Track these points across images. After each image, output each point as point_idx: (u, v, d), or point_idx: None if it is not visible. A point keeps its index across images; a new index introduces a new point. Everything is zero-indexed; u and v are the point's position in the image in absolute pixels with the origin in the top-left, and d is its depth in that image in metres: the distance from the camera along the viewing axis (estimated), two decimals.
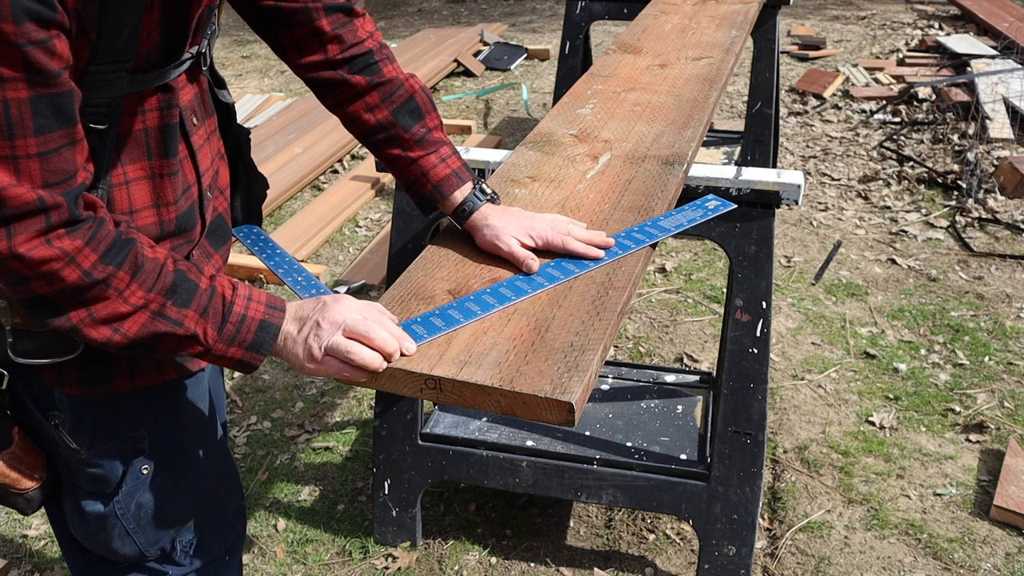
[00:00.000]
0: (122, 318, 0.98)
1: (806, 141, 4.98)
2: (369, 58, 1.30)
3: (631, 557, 2.27)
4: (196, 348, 1.03)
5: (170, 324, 1.00)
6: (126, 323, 0.99)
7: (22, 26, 0.84)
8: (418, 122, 1.32)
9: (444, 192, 1.33)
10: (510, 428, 2.28)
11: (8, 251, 0.90)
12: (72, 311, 0.96)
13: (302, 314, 1.08)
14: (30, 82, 0.87)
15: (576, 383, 1.02)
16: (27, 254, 0.91)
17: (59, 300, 0.95)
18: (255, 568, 2.26)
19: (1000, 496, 2.36)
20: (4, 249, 0.90)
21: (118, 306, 0.98)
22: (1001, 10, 6.71)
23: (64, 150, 0.91)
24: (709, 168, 1.91)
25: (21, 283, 0.93)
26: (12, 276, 0.93)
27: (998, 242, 3.82)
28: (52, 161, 0.91)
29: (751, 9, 2.83)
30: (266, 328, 1.05)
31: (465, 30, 7.11)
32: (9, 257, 0.91)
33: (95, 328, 0.98)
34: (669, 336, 3.21)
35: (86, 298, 0.96)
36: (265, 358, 1.06)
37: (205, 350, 1.04)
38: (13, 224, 0.89)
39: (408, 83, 1.33)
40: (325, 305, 1.08)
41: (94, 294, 0.96)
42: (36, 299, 0.95)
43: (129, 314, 0.98)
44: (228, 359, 1.05)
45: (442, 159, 1.33)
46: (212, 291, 1.03)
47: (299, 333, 1.06)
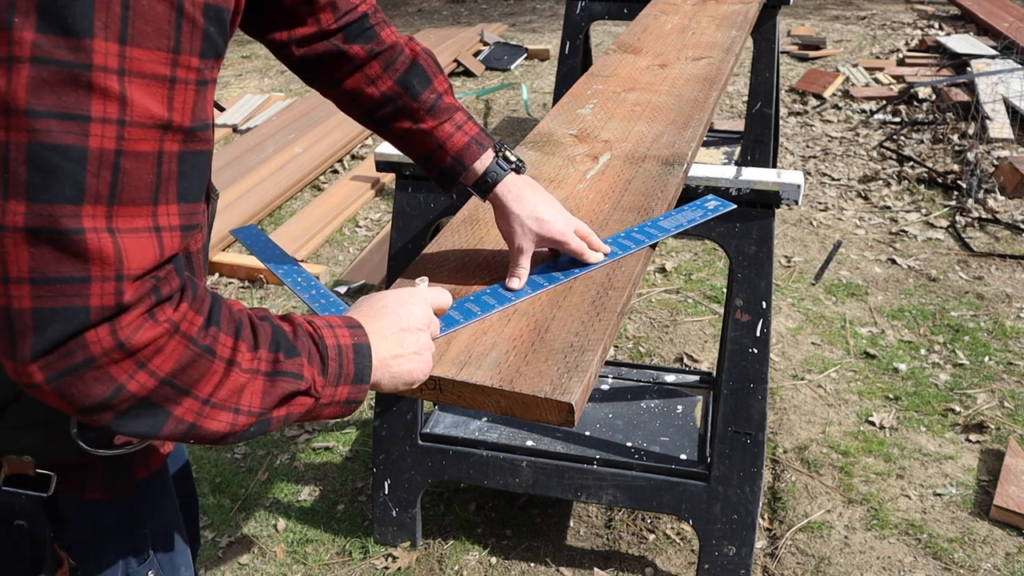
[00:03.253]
0: (240, 391, 0.76)
1: (806, 141, 4.98)
2: (364, 23, 1.16)
3: (631, 557, 2.27)
4: (307, 403, 0.83)
5: (292, 380, 0.80)
6: (245, 396, 0.77)
7: (207, 60, 0.70)
8: (427, 88, 1.18)
9: (466, 163, 1.19)
10: (510, 428, 2.28)
11: (113, 343, 0.67)
12: (178, 407, 0.72)
13: (387, 328, 0.93)
14: (191, 136, 0.70)
15: (576, 383, 1.02)
16: (135, 338, 0.68)
17: (161, 397, 0.71)
18: (255, 568, 2.27)
19: (1000, 496, 2.36)
20: (109, 344, 0.66)
21: (234, 378, 0.75)
22: (1001, 10, 6.71)
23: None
24: (709, 168, 1.91)
25: (113, 394, 0.68)
26: (104, 384, 0.68)
27: (998, 242, 3.82)
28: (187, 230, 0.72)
29: (751, 9, 2.83)
30: (362, 351, 0.87)
31: (465, 30, 7.11)
32: (113, 350, 0.67)
33: (213, 417, 0.75)
34: (669, 336, 3.21)
35: (193, 380, 0.72)
36: (368, 388, 0.88)
37: (315, 402, 0.84)
38: (123, 310, 0.67)
39: (409, 46, 1.20)
40: (398, 307, 0.95)
41: (201, 371, 0.73)
42: (131, 410, 0.70)
43: (245, 384, 0.76)
44: (335, 404, 0.86)
45: (458, 126, 1.20)
46: (298, 329, 0.84)
47: (400, 347, 0.92)
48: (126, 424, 0.71)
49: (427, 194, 2.04)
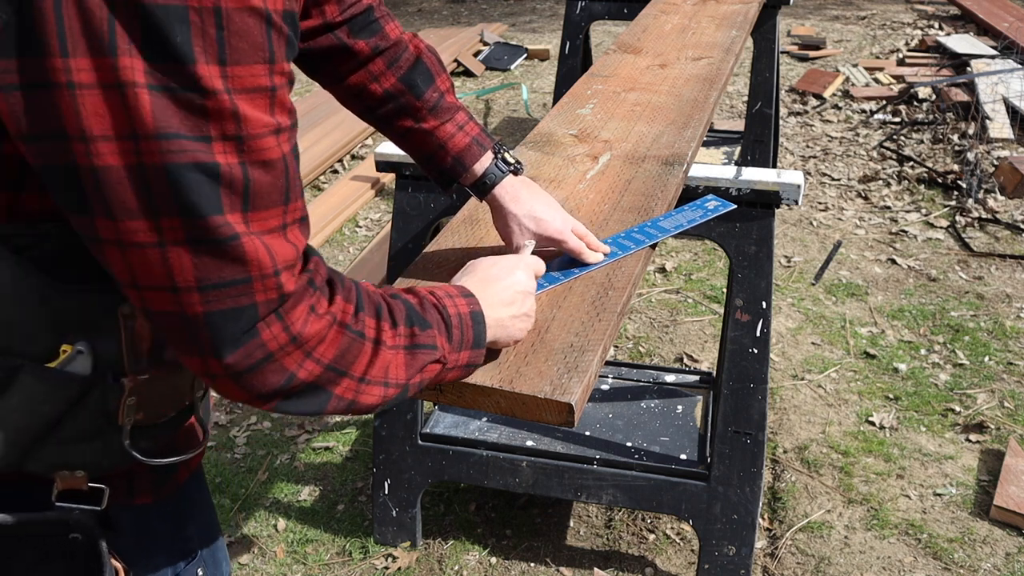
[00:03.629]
0: (387, 367, 0.84)
1: (806, 141, 4.98)
2: (369, 16, 1.15)
3: (631, 557, 2.27)
4: (436, 369, 0.91)
5: (428, 351, 0.89)
6: (392, 370, 0.85)
7: (279, 65, 0.71)
8: (430, 86, 1.18)
9: (466, 164, 1.20)
10: (510, 428, 2.28)
11: (287, 338, 0.74)
12: (338, 387, 0.81)
13: (502, 293, 1.02)
14: (292, 131, 0.74)
15: (576, 384, 1.02)
16: (304, 332, 0.75)
17: (324, 380, 0.79)
18: (255, 568, 2.27)
19: (1000, 496, 2.36)
20: (283, 339, 0.74)
21: (382, 356, 0.83)
22: (1001, 10, 6.71)
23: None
24: (709, 168, 1.91)
25: (286, 382, 0.76)
26: (279, 375, 0.76)
27: (998, 242, 3.82)
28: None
29: (751, 9, 2.83)
30: (477, 319, 0.96)
31: (465, 30, 7.11)
32: (287, 344, 0.75)
33: (368, 393, 0.83)
34: (669, 336, 3.21)
35: (349, 362, 0.81)
36: (483, 352, 0.98)
37: (442, 368, 0.92)
38: (286, 304, 0.74)
39: (413, 44, 1.20)
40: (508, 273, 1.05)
41: (355, 354, 0.81)
42: (299, 394, 0.78)
43: (391, 360, 0.85)
44: (457, 368, 0.95)
45: (459, 126, 1.20)
46: (424, 302, 0.91)
47: (508, 312, 1.02)
48: (295, 406, 0.79)
49: (427, 194, 2.04)
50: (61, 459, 0.84)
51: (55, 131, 0.65)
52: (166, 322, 0.72)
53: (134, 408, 0.85)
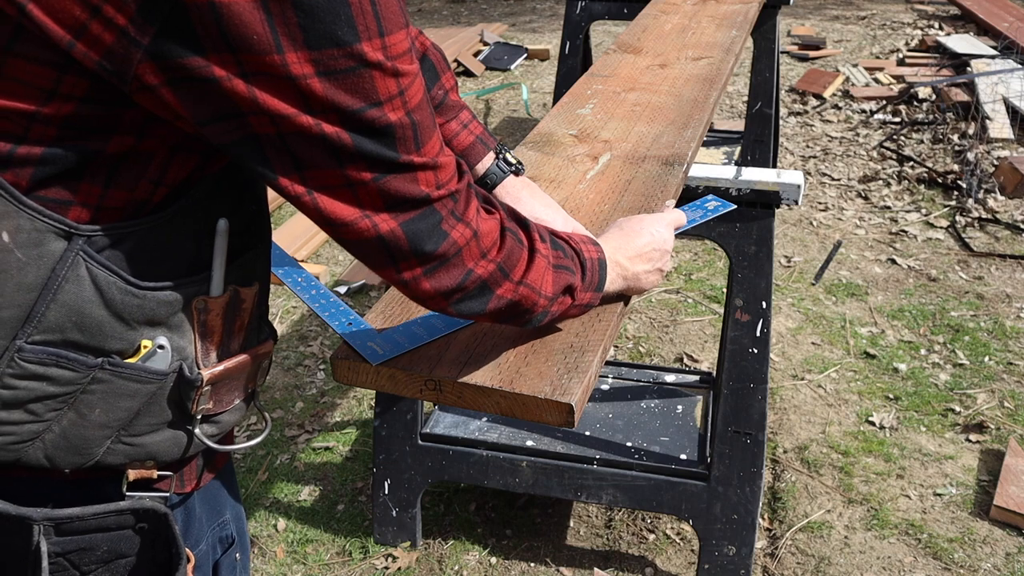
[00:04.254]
0: (541, 275, 0.92)
1: (806, 141, 4.98)
2: None
3: (631, 557, 2.27)
4: (567, 303, 0.99)
5: (569, 274, 0.96)
6: (544, 281, 0.93)
7: (410, 27, 0.79)
8: (435, 84, 1.21)
9: (470, 163, 1.22)
10: (510, 428, 2.28)
11: (471, 233, 0.83)
12: (500, 287, 0.89)
13: (643, 247, 1.12)
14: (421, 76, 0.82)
15: (576, 384, 1.02)
16: (481, 228, 0.85)
17: (493, 280, 0.88)
18: (255, 568, 2.27)
19: (1000, 496, 2.36)
20: (468, 234, 0.83)
21: (537, 263, 0.91)
22: (1001, 10, 6.71)
23: None
24: (709, 168, 1.91)
25: (465, 278, 0.85)
26: (460, 270, 0.84)
27: (998, 242, 3.82)
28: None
29: (751, 9, 2.83)
30: (603, 266, 1.04)
31: (465, 30, 7.11)
32: (471, 239, 0.84)
33: (523, 296, 0.91)
34: (669, 336, 3.21)
35: (512, 264, 0.89)
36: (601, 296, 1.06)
37: (571, 302, 0.99)
38: (460, 203, 0.83)
39: (419, 40, 1.22)
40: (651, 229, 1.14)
41: (516, 257, 0.89)
42: (473, 291, 0.87)
43: (544, 270, 0.92)
44: (579, 307, 1.01)
45: (464, 125, 1.22)
46: (561, 237, 1.00)
47: (643, 267, 1.11)
48: (466, 303, 0.87)
49: None
50: (137, 451, 0.86)
51: (232, 111, 0.70)
52: (365, 247, 0.80)
53: (207, 398, 0.88)
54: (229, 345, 0.89)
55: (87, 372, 0.79)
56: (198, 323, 0.84)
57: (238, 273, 0.88)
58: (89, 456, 0.84)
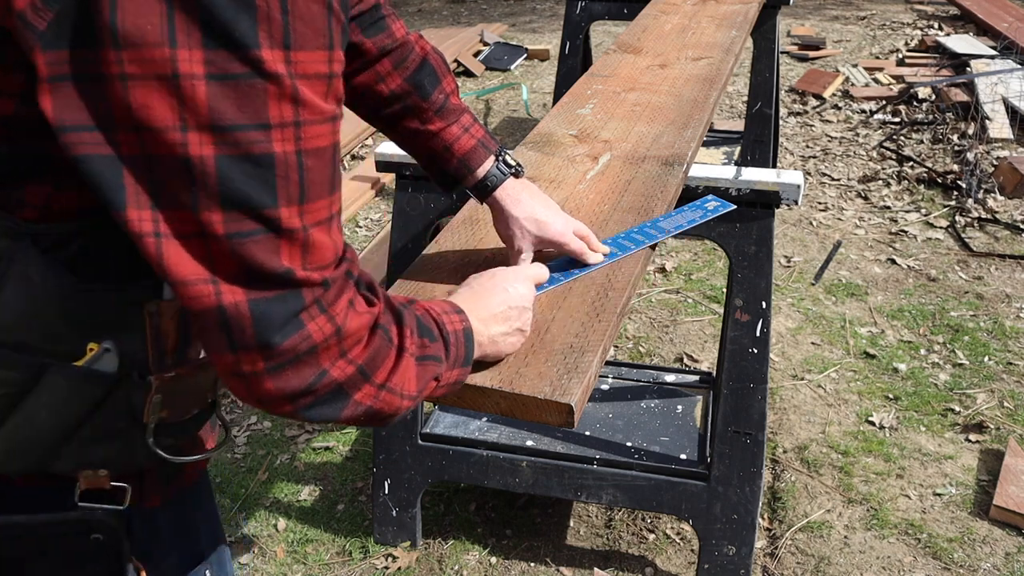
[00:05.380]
0: (405, 376, 0.82)
1: (806, 141, 4.98)
2: (376, 13, 1.15)
3: (631, 557, 2.27)
4: (432, 386, 0.88)
5: (435, 364, 0.86)
6: (408, 381, 0.82)
7: (336, 52, 0.70)
8: (436, 87, 1.18)
9: (471, 166, 1.20)
10: (510, 428, 2.28)
11: (332, 329, 0.73)
12: (359, 391, 0.78)
13: (497, 307, 1.02)
14: (340, 121, 0.73)
15: (576, 385, 1.02)
16: (347, 326, 0.74)
17: (351, 383, 0.77)
18: (255, 568, 2.27)
19: (1000, 496, 2.36)
20: (328, 331, 0.72)
21: (403, 363, 0.81)
22: (1001, 10, 6.71)
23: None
24: (709, 168, 1.91)
25: (317, 379, 0.73)
26: (313, 370, 0.73)
27: (998, 242, 3.82)
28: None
29: (751, 9, 2.83)
30: (468, 336, 0.95)
31: (465, 30, 7.11)
32: (331, 336, 0.73)
33: (385, 402, 0.80)
34: (669, 336, 3.21)
35: (376, 366, 0.78)
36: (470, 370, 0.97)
37: (436, 385, 0.89)
38: (330, 293, 0.72)
39: (419, 44, 1.19)
40: (506, 286, 1.04)
41: (382, 358, 0.79)
42: (326, 396, 0.75)
43: (408, 369, 0.82)
44: (446, 386, 0.92)
45: (465, 129, 1.20)
46: (428, 313, 0.89)
47: (500, 328, 1.01)
48: (316, 410, 0.76)
49: (427, 194, 2.04)
50: (86, 458, 0.84)
51: (102, 121, 0.64)
52: (201, 319, 0.69)
53: (159, 406, 0.84)
54: (185, 351, 0.84)
55: (32, 373, 0.76)
56: (150, 327, 0.80)
57: None
58: (35, 461, 0.81)
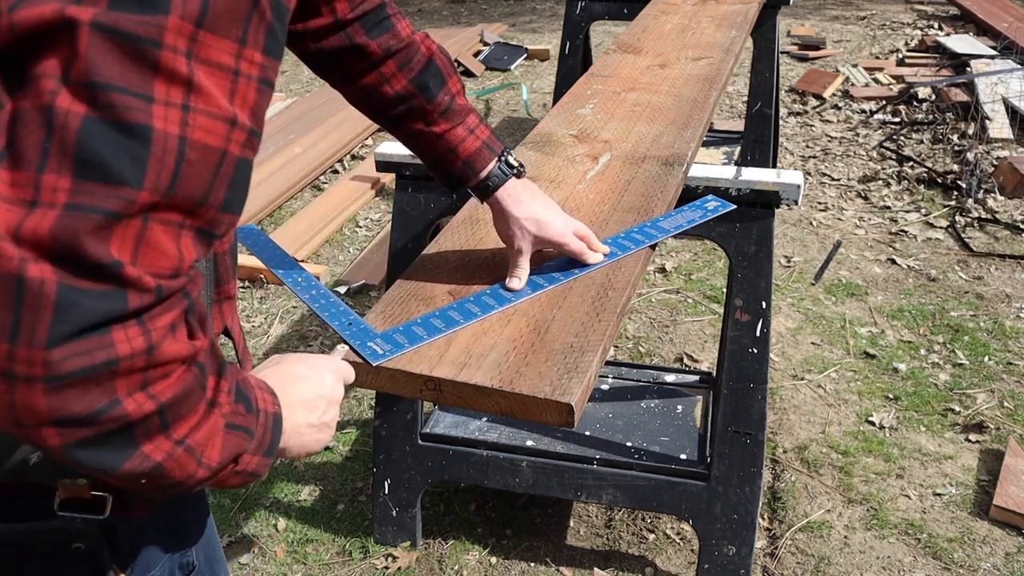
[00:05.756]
0: (209, 438, 0.68)
1: (806, 141, 4.98)
2: (381, 13, 1.13)
3: (631, 557, 2.27)
4: (229, 469, 0.73)
5: (244, 439, 0.72)
6: (209, 446, 0.68)
7: (270, 59, 0.66)
8: (441, 89, 1.17)
9: (476, 168, 1.19)
10: (510, 428, 2.28)
11: (143, 345, 0.59)
12: (150, 442, 0.63)
13: (305, 395, 0.88)
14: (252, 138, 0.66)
15: (576, 384, 1.02)
16: (161, 347, 0.61)
17: (143, 426, 0.62)
18: (255, 568, 2.27)
19: (1000, 496, 2.36)
20: (138, 346, 0.59)
21: (212, 421, 0.68)
22: (1001, 10, 6.71)
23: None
24: (709, 168, 1.91)
25: (104, 408, 0.59)
26: (102, 396, 0.59)
27: (998, 242, 3.82)
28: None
29: (751, 9, 2.83)
30: (277, 423, 0.79)
31: (465, 30, 7.11)
32: (139, 354, 0.60)
33: (179, 462, 0.66)
34: (669, 336, 3.21)
35: (180, 415, 0.65)
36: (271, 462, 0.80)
37: (230, 470, 0.73)
38: (152, 311, 0.60)
39: (425, 44, 1.18)
40: (315, 376, 0.90)
41: (190, 407, 0.65)
42: (107, 435, 0.61)
43: (215, 431, 0.68)
44: (241, 475, 0.74)
45: (470, 130, 1.19)
46: (247, 381, 0.76)
47: (307, 418, 0.87)
48: (90, 451, 0.61)
49: (427, 194, 2.04)
50: (62, 468, 0.81)
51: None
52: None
53: None
54: None
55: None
56: None
57: None
58: (9, 470, 0.79)
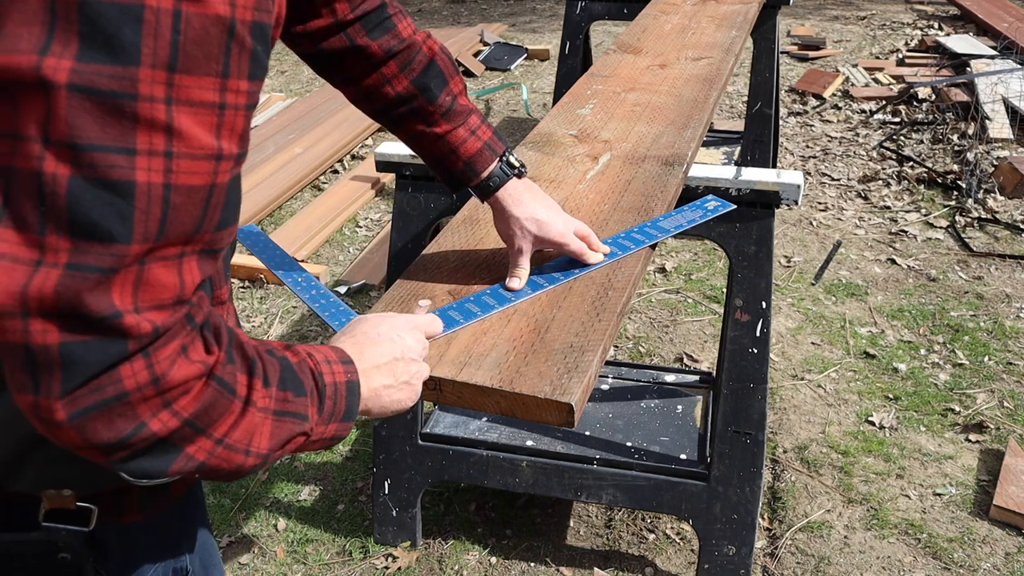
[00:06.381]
0: (252, 432, 0.72)
1: (806, 141, 4.98)
2: (382, 12, 1.13)
3: (631, 557, 2.27)
4: (300, 442, 0.79)
5: (297, 422, 0.77)
6: (256, 437, 0.73)
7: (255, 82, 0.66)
8: (443, 89, 1.16)
9: (477, 169, 1.19)
10: (510, 428, 2.28)
11: (148, 378, 0.63)
12: (192, 445, 0.68)
13: (382, 358, 0.91)
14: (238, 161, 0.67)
15: (576, 384, 1.02)
16: (169, 375, 0.64)
17: (179, 437, 0.67)
18: (255, 568, 2.27)
19: (1000, 496, 2.36)
20: (143, 379, 0.63)
21: (249, 418, 0.72)
22: (1001, 10, 6.71)
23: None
24: (709, 168, 1.91)
25: (133, 432, 0.64)
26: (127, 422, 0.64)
27: (998, 242, 3.82)
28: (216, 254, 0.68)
29: (751, 9, 2.83)
30: (352, 389, 0.84)
31: (465, 30, 7.11)
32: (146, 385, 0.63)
33: (224, 458, 0.71)
34: (669, 336, 3.21)
35: (212, 420, 0.69)
36: (352, 425, 0.86)
37: (306, 440, 0.79)
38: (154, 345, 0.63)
39: (427, 44, 1.17)
40: (393, 336, 0.94)
41: (220, 411, 0.69)
42: (145, 450, 0.66)
43: (258, 425, 0.73)
44: (320, 441, 0.82)
45: (472, 131, 1.18)
46: (302, 363, 0.80)
47: (383, 380, 0.90)
48: (135, 463, 0.67)
49: (427, 194, 2.04)
50: (46, 478, 0.81)
51: None
52: (7, 350, 0.60)
53: None
54: None
55: None
56: None
57: None
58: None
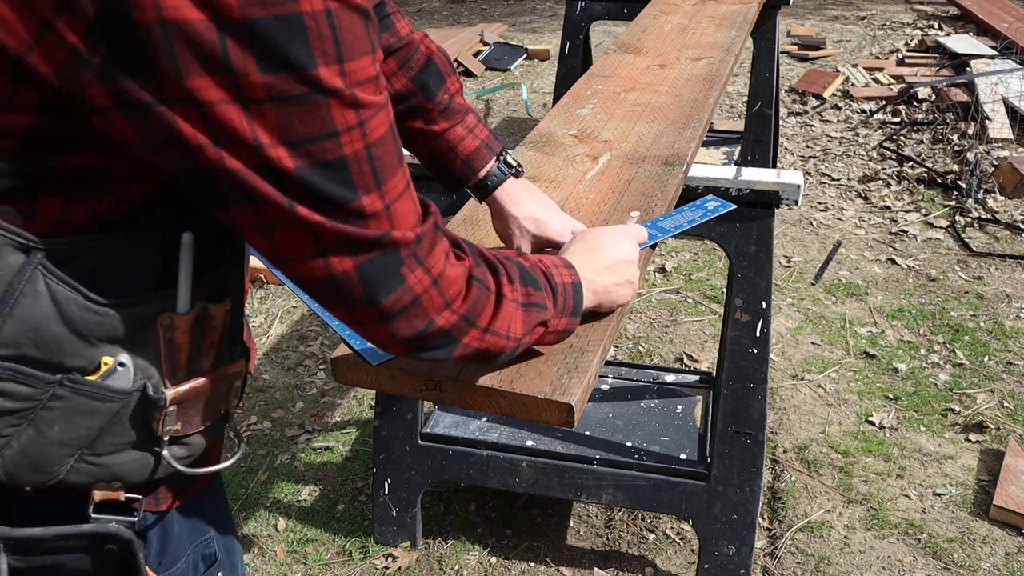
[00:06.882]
0: (509, 320, 0.90)
1: (806, 141, 4.98)
2: (382, 11, 1.16)
3: (631, 557, 2.27)
4: (540, 332, 0.97)
5: (541, 311, 0.94)
6: (513, 325, 0.91)
7: (378, 52, 0.75)
8: (441, 88, 1.19)
9: (475, 167, 1.21)
10: (510, 428, 2.28)
11: (430, 280, 0.80)
12: (466, 335, 0.86)
13: (608, 260, 1.09)
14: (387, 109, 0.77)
15: (576, 384, 1.02)
16: (446, 273, 0.82)
17: (457, 330, 0.85)
18: (255, 568, 2.27)
19: (1000, 496, 2.36)
20: (427, 282, 0.80)
21: (504, 309, 0.89)
22: (1001, 10, 6.71)
23: None
24: (709, 168, 1.91)
25: (426, 327, 0.82)
26: (421, 319, 0.81)
27: (998, 242, 3.82)
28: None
29: (751, 9, 2.83)
30: (577, 288, 1.01)
31: (465, 30, 7.11)
32: (430, 287, 0.80)
33: (490, 343, 0.89)
34: (669, 336, 3.21)
35: (478, 312, 0.86)
36: (579, 320, 1.03)
37: (544, 331, 0.97)
38: (423, 246, 0.79)
39: (424, 43, 1.20)
40: (615, 242, 1.11)
41: (482, 304, 0.87)
42: (435, 341, 0.84)
43: (512, 314, 0.90)
44: (555, 333, 1.00)
45: (469, 129, 1.21)
46: (535, 267, 0.97)
47: (613, 279, 1.09)
48: (427, 353, 0.85)
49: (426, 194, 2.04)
50: (101, 471, 0.84)
51: (178, 141, 0.67)
52: (315, 287, 0.77)
53: (173, 419, 0.84)
54: (198, 364, 0.85)
55: (45, 388, 0.76)
56: (164, 341, 0.81)
57: (207, 289, 0.84)
58: (50, 474, 0.81)
